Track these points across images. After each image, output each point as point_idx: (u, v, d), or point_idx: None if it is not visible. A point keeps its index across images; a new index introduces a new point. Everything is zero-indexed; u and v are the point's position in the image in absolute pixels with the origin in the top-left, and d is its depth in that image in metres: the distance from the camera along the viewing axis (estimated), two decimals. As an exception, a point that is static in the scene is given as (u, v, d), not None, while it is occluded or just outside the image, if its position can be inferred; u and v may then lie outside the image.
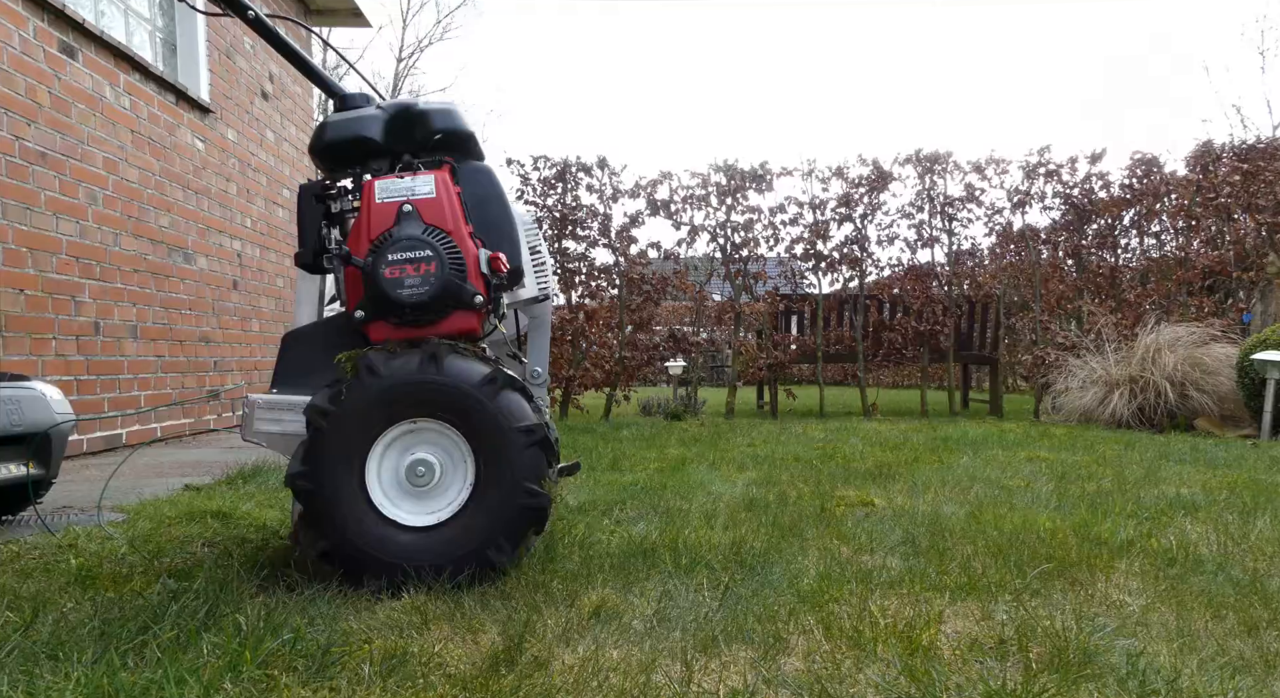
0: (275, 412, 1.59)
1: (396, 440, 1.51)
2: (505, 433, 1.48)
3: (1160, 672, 1.20)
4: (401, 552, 1.46)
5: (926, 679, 1.14)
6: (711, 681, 1.10)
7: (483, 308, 1.56)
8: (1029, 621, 1.43)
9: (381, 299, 1.51)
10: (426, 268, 1.50)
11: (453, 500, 1.51)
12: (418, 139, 1.68)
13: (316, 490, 1.44)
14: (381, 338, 1.55)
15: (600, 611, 1.38)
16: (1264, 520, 2.27)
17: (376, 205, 1.57)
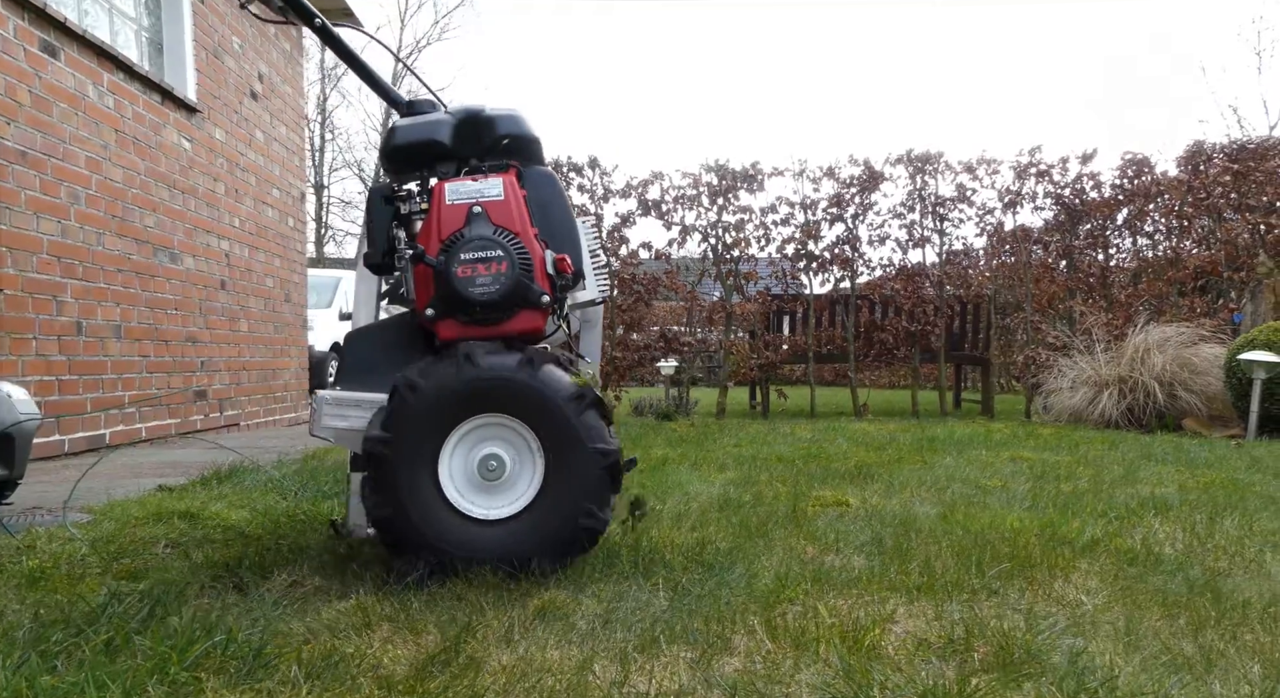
0: (342, 408, 1.63)
1: (472, 432, 1.55)
2: (583, 450, 1.51)
3: (1099, 671, 1.19)
4: (452, 536, 1.51)
5: (864, 679, 1.14)
6: (647, 681, 1.10)
7: (548, 308, 1.60)
8: (979, 620, 1.43)
9: (453, 297, 1.55)
10: (497, 267, 1.55)
11: (514, 502, 1.54)
12: (485, 144, 1.72)
13: (392, 457, 1.48)
14: (451, 335, 1.59)
15: (548, 611, 1.38)
16: (1231, 520, 2.26)
17: (447, 207, 1.61)
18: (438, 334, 1.61)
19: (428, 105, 1.81)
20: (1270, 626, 1.40)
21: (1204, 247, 7.56)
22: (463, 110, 1.76)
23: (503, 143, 1.72)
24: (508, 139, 1.72)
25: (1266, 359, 4.98)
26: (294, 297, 7.05)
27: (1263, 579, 1.73)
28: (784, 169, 7.73)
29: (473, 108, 1.75)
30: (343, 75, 33.05)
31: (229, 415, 5.75)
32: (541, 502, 1.53)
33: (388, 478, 1.50)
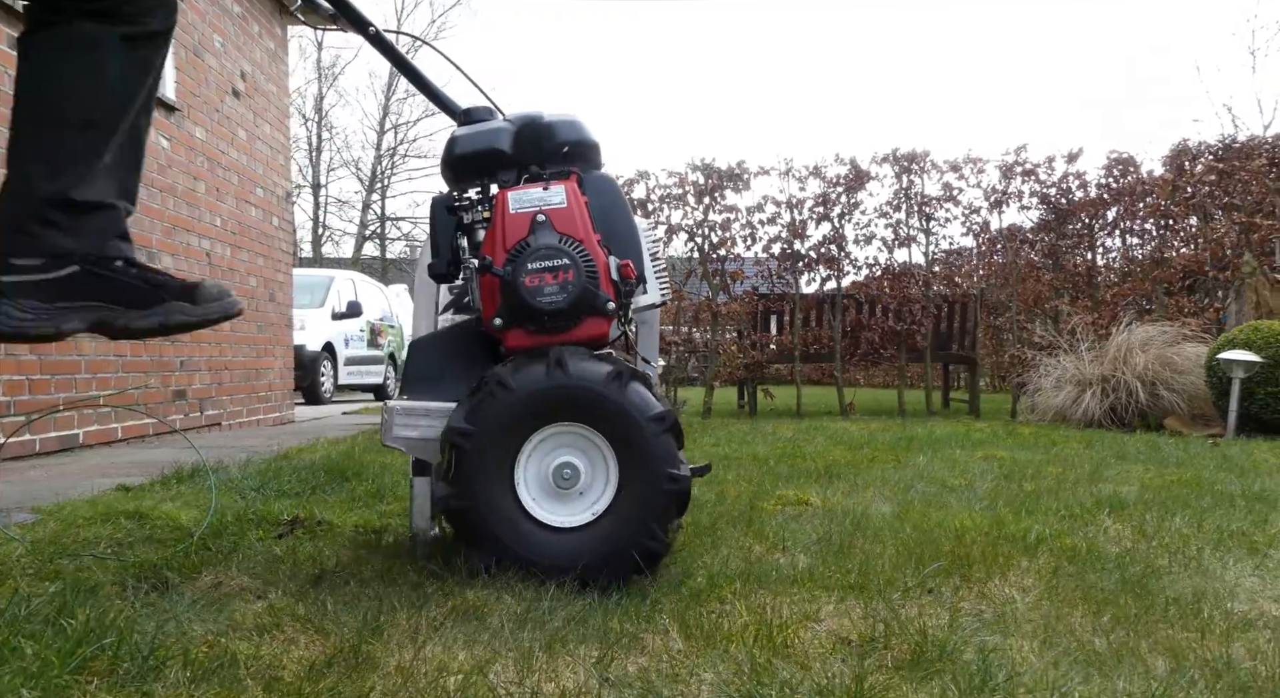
0: (412, 417, 1.65)
1: (551, 437, 1.56)
2: (639, 424, 1.52)
3: (1006, 667, 1.19)
4: (521, 538, 1.52)
5: (767, 678, 1.13)
6: (545, 681, 1.09)
7: (614, 315, 1.61)
8: (904, 619, 1.42)
9: (521, 307, 1.56)
10: (564, 276, 1.56)
11: (599, 498, 1.56)
12: (545, 150, 1.73)
13: (471, 450, 1.50)
14: (519, 344, 1.60)
15: (465, 610, 1.37)
16: (1182, 518, 2.26)
17: (510, 216, 1.62)
18: (505, 343, 1.62)
19: (485, 112, 1.81)
20: (1188, 622, 1.40)
21: (1191, 246, 7.56)
22: (521, 117, 1.77)
23: (563, 149, 1.73)
24: (568, 145, 1.73)
25: (1245, 358, 4.98)
26: (279, 296, 7.05)
27: (1198, 576, 1.72)
28: (770, 168, 7.73)
29: (531, 115, 1.76)
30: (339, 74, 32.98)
31: (210, 415, 5.74)
32: (624, 488, 1.54)
33: (465, 470, 1.51)
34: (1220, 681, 1.14)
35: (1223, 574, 1.73)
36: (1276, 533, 2.09)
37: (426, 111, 31.64)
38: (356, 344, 13.40)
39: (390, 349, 14.93)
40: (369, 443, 4.51)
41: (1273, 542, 1.99)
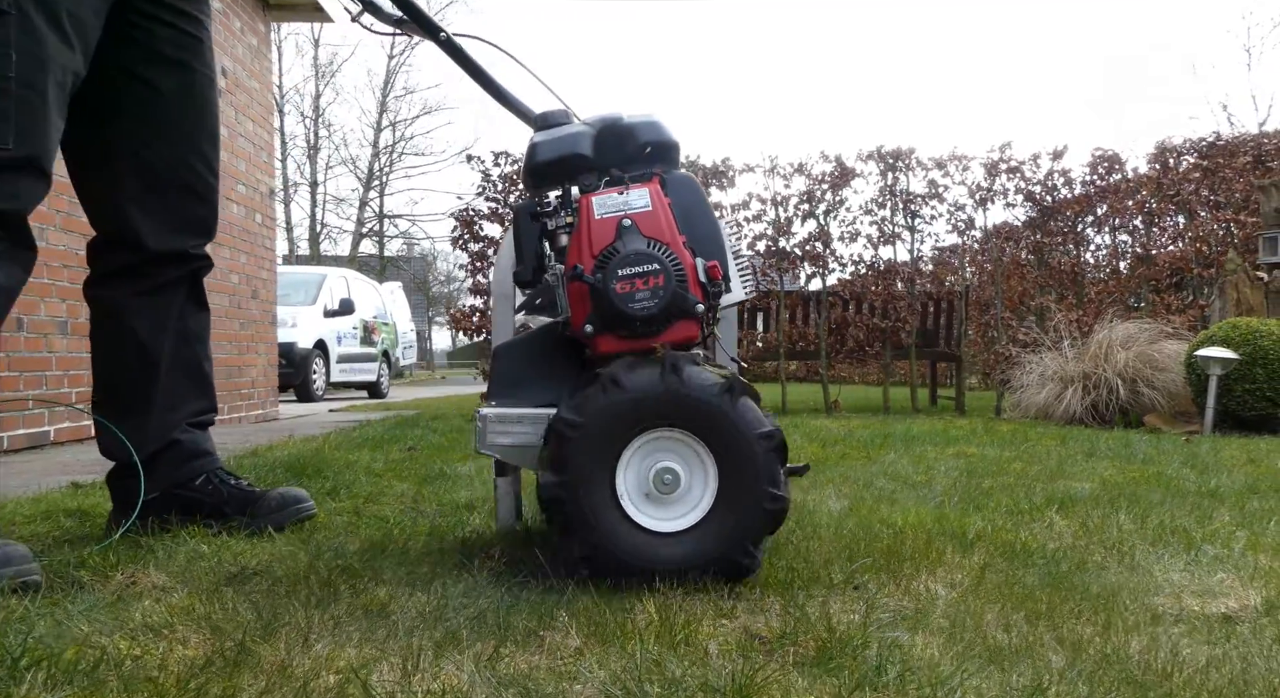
0: (506, 425, 1.65)
1: (653, 441, 1.56)
2: (747, 440, 1.52)
3: (903, 662, 1.18)
4: (621, 540, 1.52)
5: (657, 674, 1.13)
6: (428, 680, 1.08)
7: (703, 317, 1.61)
8: (819, 615, 1.41)
9: (613, 313, 1.56)
10: (655, 281, 1.55)
11: (696, 506, 1.55)
12: (626, 152, 1.72)
13: (577, 440, 1.51)
14: (610, 350, 1.60)
15: (371, 608, 1.37)
16: (1127, 514, 2.25)
17: (596, 221, 1.61)
18: (595, 348, 1.62)
19: (561, 116, 1.80)
20: (1097, 617, 1.39)
21: (1177, 243, 7.54)
22: (601, 120, 1.76)
23: (645, 151, 1.72)
24: (649, 146, 1.72)
25: (1222, 355, 4.97)
26: (262, 294, 7.04)
27: (1127, 572, 1.71)
28: (755, 165, 7.72)
29: (611, 117, 1.76)
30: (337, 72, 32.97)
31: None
32: (722, 499, 1.54)
33: (569, 461, 1.52)
34: (1106, 673, 1.13)
35: (1152, 569, 1.73)
36: (1215, 529, 2.08)
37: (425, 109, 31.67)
38: (349, 342, 13.40)
39: (384, 347, 14.92)
40: (341, 440, 4.51)
41: (1210, 537, 1.98)
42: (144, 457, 2.03)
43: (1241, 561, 1.77)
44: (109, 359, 2.10)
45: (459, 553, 1.78)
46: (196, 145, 2.08)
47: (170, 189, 2.04)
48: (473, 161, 7.47)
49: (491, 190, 7.41)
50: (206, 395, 2.19)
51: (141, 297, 2.04)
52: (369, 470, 3.29)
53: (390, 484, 2.96)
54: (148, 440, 2.05)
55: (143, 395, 2.06)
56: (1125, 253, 7.85)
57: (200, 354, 2.17)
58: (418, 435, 4.90)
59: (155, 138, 2.01)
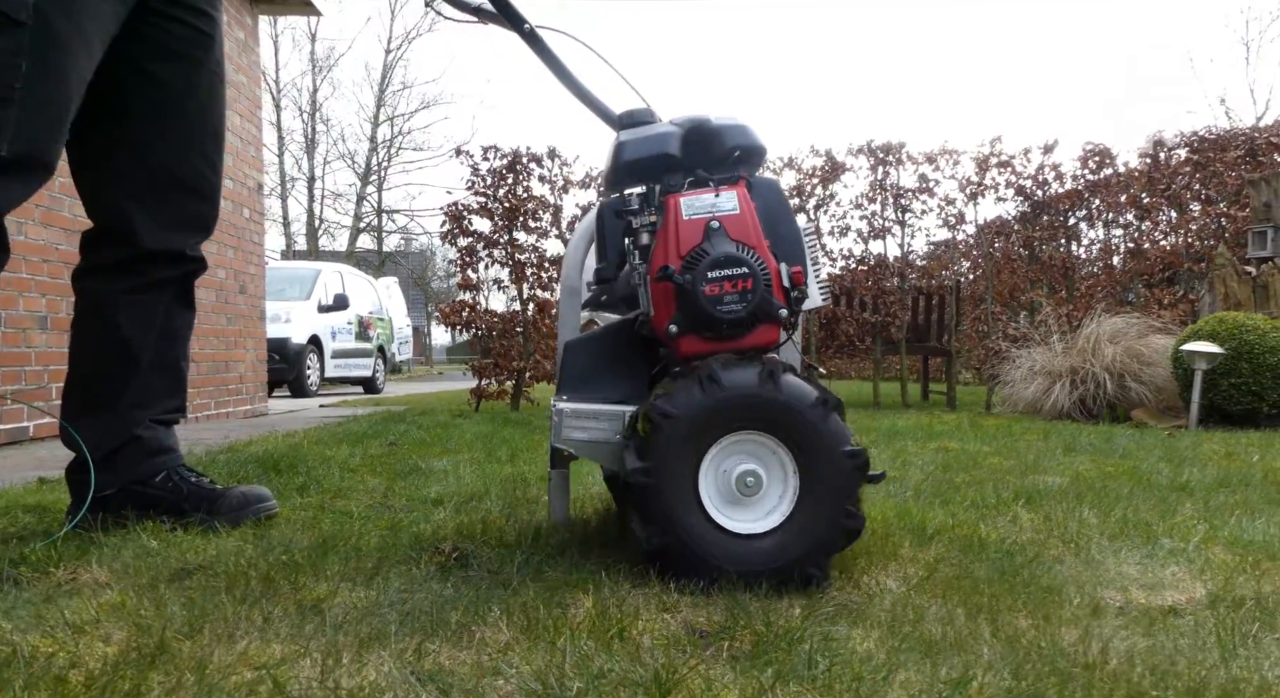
0: (582, 420, 1.67)
1: (725, 448, 1.56)
2: (833, 455, 1.52)
3: (834, 655, 1.17)
4: (727, 557, 1.52)
5: (584, 669, 1.12)
6: (347, 677, 1.07)
7: (786, 322, 1.62)
8: (760, 608, 1.41)
9: (700, 315, 1.57)
10: (744, 285, 1.56)
11: (773, 511, 1.55)
12: (713, 154, 1.72)
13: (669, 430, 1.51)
14: (693, 351, 1.61)
15: (308, 605, 1.36)
16: (1092, 508, 2.24)
17: (684, 222, 1.61)
18: (677, 349, 1.62)
19: (646, 114, 1.81)
20: (1038, 611, 1.38)
21: (1170, 238, 7.52)
22: (688, 121, 1.76)
23: (733, 154, 1.72)
24: (738, 150, 1.72)
25: (1207, 350, 4.95)
26: (250, 289, 7.03)
27: (1081, 565, 1.70)
28: (745, 160, 7.69)
29: (698, 119, 1.75)
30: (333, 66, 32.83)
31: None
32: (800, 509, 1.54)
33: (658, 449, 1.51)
34: (1035, 665, 1.12)
35: (1106, 562, 1.72)
36: (1177, 522, 2.07)
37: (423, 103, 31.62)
38: (344, 337, 13.39)
39: (380, 342, 14.91)
40: (323, 436, 4.50)
41: (1170, 531, 1.97)
42: (106, 452, 2.02)
43: (1196, 554, 1.76)
44: (89, 352, 2.09)
45: (410, 548, 1.77)
46: (201, 143, 2.07)
47: (172, 187, 2.03)
48: (461, 156, 7.44)
49: (480, 185, 7.38)
50: (178, 395, 2.19)
51: (131, 294, 2.04)
52: (344, 466, 3.27)
53: (363, 480, 2.95)
54: (111, 436, 2.04)
55: (115, 391, 2.06)
56: (1118, 248, 7.83)
57: (180, 354, 2.17)
58: (401, 431, 4.89)
59: (161, 135, 2.00)
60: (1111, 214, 7.63)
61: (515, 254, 7.33)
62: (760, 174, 1.82)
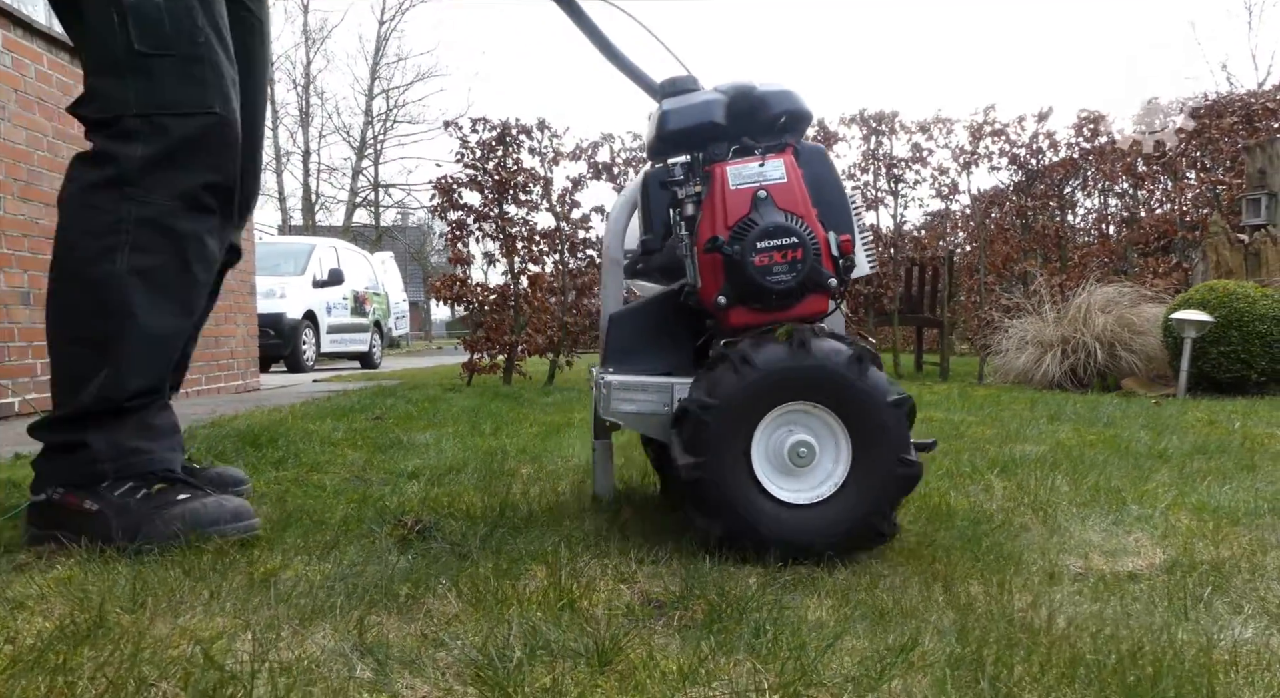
0: (630, 392, 1.66)
1: (771, 423, 1.55)
2: (877, 408, 1.51)
3: (781, 623, 1.17)
4: (793, 530, 1.51)
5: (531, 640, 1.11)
6: (286, 650, 1.06)
7: (835, 291, 1.60)
8: (716, 579, 1.40)
9: (749, 286, 1.55)
10: (793, 255, 1.54)
11: (830, 476, 1.55)
12: (759, 122, 1.69)
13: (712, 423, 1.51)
14: (740, 323, 1.60)
15: (264, 579, 1.35)
16: (1065, 476, 2.23)
17: (731, 192, 1.60)
18: (725, 320, 1.61)
19: (689, 82, 1.77)
20: (993, 578, 1.37)
21: (1165, 206, 7.48)
22: (732, 88, 1.73)
23: (779, 121, 1.69)
24: (784, 116, 1.69)
25: (1196, 318, 4.93)
26: (239, 264, 6.99)
27: (1046, 532, 1.70)
28: (737, 130, 7.62)
29: (743, 85, 1.72)
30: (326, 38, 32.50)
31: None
32: (856, 469, 1.53)
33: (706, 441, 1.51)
34: (983, 631, 1.12)
35: (1071, 529, 1.71)
36: (1149, 489, 2.06)
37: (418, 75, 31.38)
38: (340, 312, 13.35)
39: (376, 317, 14.88)
40: (309, 410, 4.50)
41: (1140, 498, 1.97)
42: None
43: (1160, 520, 1.75)
44: None
45: (374, 521, 1.77)
46: (258, 126, 2.07)
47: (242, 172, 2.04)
48: (450, 128, 7.38)
49: (470, 157, 7.33)
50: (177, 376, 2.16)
51: None
52: (326, 440, 3.27)
53: (342, 453, 2.95)
54: None
55: None
56: (1113, 216, 7.78)
57: (194, 339, 2.13)
58: (389, 405, 4.88)
59: None
60: (1107, 183, 7.57)
61: (506, 227, 7.29)
62: None
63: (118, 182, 1.65)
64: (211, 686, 0.91)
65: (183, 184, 1.68)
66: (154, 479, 1.64)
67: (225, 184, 1.75)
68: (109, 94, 1.65)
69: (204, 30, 1.69)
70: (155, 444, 1.71)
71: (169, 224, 1.68)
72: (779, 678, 1.01)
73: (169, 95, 1.66)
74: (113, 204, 1.65)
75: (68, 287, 1.70)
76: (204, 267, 1.76)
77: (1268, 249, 5.69)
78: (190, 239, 1.71)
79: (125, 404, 1.64)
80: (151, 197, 1.66)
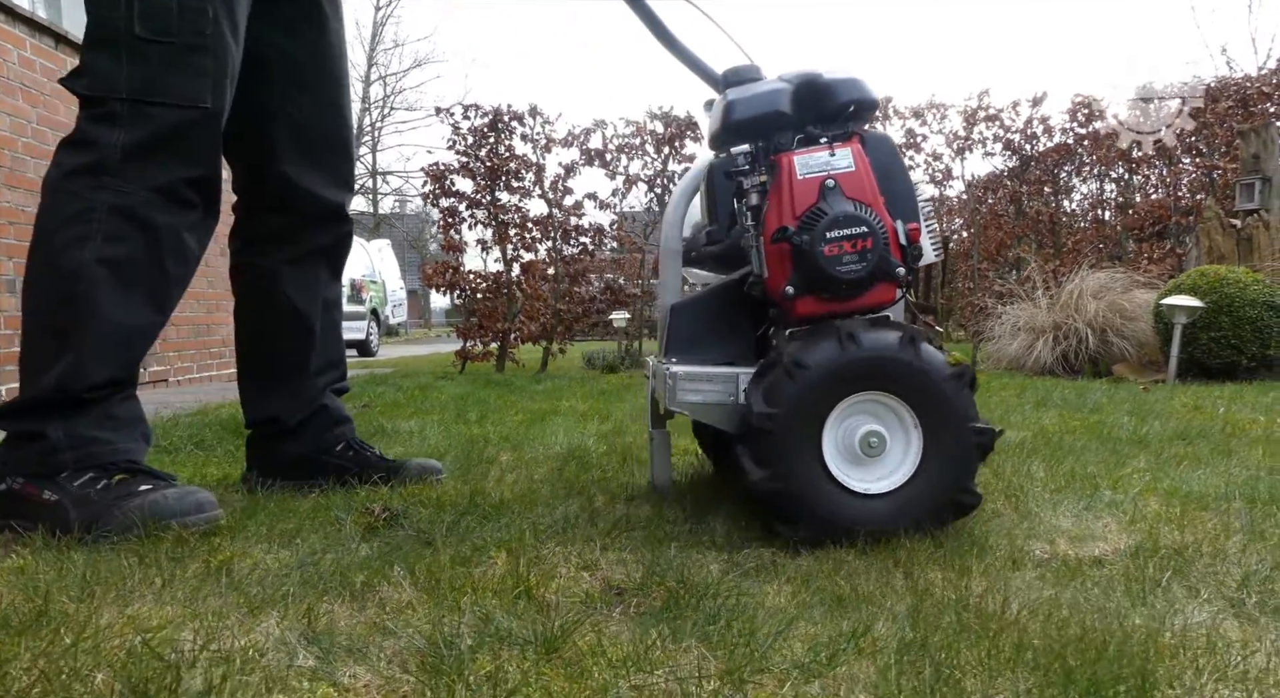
0: (696, 382, 1.65)
1: (837, 418, 1.55)
2: (937, 384, 1.51)
3: (736, 610, 1.16)
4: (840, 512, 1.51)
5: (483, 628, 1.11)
6: (232, 638, 1.06)
7: (903, 280, 1.60)
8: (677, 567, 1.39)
9: (819, 276, 1.55)
10: (863, 244, 1.54)
11: (905, 459, 1.55)
12: (826, 111, 1.67)
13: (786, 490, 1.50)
14: (808, 313, 1.59)
15: (222, 567, 1.34)
16: (1042, 461, 2.22)
17: (798, 181, 1.58)
18: (793, 311, 1.61)
19: (752, 71, 1.75)
20: (954, 563, 1.37)
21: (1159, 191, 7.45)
22: (798, 77, 1.71)
23: (846, 109, 1.67)
24: (852, 105, 1.67)
25: (1187, 304, 4.92)
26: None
27: (1017, 518, 1.69)
28: (729, 116, 7.58)
29: (809, 74, 1.70)
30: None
31: (153, 371, 5.72)
32: (920, 478, 1.53)
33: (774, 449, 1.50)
34: (937, 617, 1.11)
35: (1041, 515, 1.70)
36: (1124, 475, 2.05)
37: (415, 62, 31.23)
38: (336, 300, 13.32)
39: (373, 305, 14.85)
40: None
41: (1115, 483, 1.96)
42: (297, 421, 2.08)
43: (1131, 505, 1.75)
44: (266, 324, 2.10)
45: (341, 509, 1.76)
46: (338, 99, 2.09)
47: (325, 149, 2.07)
48: (442, 115, 7.35)
49: (462, 144, 7.29)
50: (343, 364, 2.25)
51: (291, 264, 2.06)
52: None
53: (324, 441, 2.94)
54: (301, 405, 2.10)
55: (299, 361, 2.10)
56: (1108, 202, 7.76)
57: (337, 320, 2.21)
58: (379, 392, 4.88)
59: (309, 99, 2.02)
60: (1102, 168, 7.55)
61: (498, 215, 7.26)
62: None
63: (95, 169, 1.64)
64: (146, 676, 0.91)
65: (162, 176, 1.67)
66: (115, 470, 1.63)
67: (208, 178, 1.73)
68: (100, 72, 1.64)
69: (214, 20, 1.67)
70: (117, 435, 1.69)
71: (144, 216, 1.66)
72: (725, 664, 1.01)
73: (160, 83, 1.64)
74: (88, 192, 1.63)
75: (38, 273, 1.69)
76: (179, 261, 1.74)
77: (1260, 234, 5.67)
78: (165, 232, 1.69)
79: (85, 395, 1.63)
80: (128, 186, 1.64)
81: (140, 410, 1.79)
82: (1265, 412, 3.21)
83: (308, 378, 2.12)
